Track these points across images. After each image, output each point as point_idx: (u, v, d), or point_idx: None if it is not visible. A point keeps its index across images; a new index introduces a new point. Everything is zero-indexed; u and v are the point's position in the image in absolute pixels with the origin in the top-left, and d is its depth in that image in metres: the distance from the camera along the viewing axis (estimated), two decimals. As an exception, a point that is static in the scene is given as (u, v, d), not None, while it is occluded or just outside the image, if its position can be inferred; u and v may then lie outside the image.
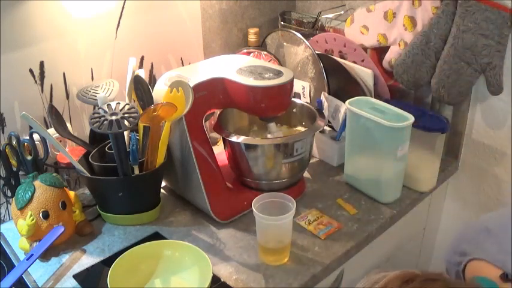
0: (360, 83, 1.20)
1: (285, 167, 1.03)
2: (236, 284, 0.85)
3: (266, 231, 0.89)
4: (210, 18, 1.33)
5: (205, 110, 1.00)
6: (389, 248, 1.18)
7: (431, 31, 1.10)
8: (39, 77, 1.03)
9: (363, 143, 1.06)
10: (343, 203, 1.07)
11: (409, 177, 1.10)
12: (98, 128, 0.90)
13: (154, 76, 1.24)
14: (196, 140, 0.97)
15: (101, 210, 1.03)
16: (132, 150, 0.96)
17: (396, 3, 1.16)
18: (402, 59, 1.15)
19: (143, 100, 1.00)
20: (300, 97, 1.30)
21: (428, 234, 1.34)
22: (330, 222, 1.00)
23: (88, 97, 1.03)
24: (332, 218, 1.02)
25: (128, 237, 0.98)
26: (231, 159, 1.07)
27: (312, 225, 0.99)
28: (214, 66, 1.04)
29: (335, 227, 0.99)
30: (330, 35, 1.28)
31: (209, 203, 0.99)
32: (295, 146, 1.01)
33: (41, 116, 1.06)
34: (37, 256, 0.86)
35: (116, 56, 1.14)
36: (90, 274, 0.89)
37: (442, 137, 1.09)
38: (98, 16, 1.08)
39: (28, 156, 0.97)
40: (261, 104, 0.97)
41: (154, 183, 1.03)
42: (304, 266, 0.89)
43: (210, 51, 1.36)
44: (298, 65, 1.30)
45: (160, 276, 0.86)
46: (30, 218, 0.89)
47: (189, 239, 0.96)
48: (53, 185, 0.94)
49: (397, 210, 1.06)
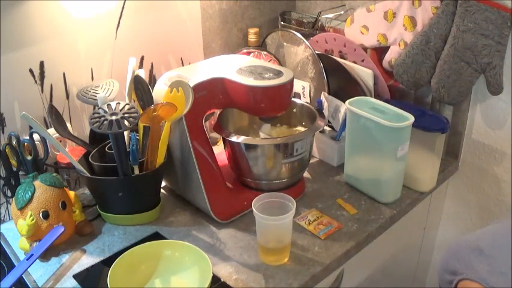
0: (360, 83, 1.20)
1: (285, 167, 1.03)
2: (236, 284, 0.85)
3: (266, 231, 0.89)
4: (210, 18, 1.33)
5: (205, 110, 1.00)
6: (389, 248, 1.18)
7: (431, 31, 1.10)
8: (39, 77, 1.03)
9: (363, 143, 1.06)
10: (343, 203, 1.07)
11: (409, 177, 1.10)
12: (98, 128, 0.90)
13: (154, 76, 1.24)
14: (196, 140, 0.97)
15: (101, 210, 1.03)
16: (132, 150, 0.96)
17: (396, 3, 1.16)
18: (402, 59, 1.15)
19: (143, 100, 1.00)
20: (300, 97, 1.30)
21: (428, 234, 1.34)
22: (330, 222, 1.00)
23: (88, 97, 1.03)
24: (332, 218, 1.02)
25: (128, 237, 0.98)
26: (231, 159, 1.07)
27: (312, 225, 0.99)
28: (214, 66, 1.04)
29: (335, 227, 0.99)
30: (330, 35, 1.28)
31: (209, 203, 0.99)
32: (295, 146, 1.01)
33: (41, 116, 1.06)
34: (37, 256, 0.86)
35: (116, 56, 1.14)
36: (90, 274, 0.89)
37: (442, 137, 1.09)
38: (98, 16, 1.08)
39: (28, 156, 0.97)
40: (261, 104, 0.97)
41: (154, 183, 1.03)
42: (304, 266, 0.89)
43: (210, 51, 1.36)
44: (298, 65, 1.30)
45: (160, 276, 0.86)
46: (30, 218, 0.89)
47: (189, 239, 0.96)
48: (53, 185, 0.94)
49: (397, 210, 1.06)
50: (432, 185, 1.16)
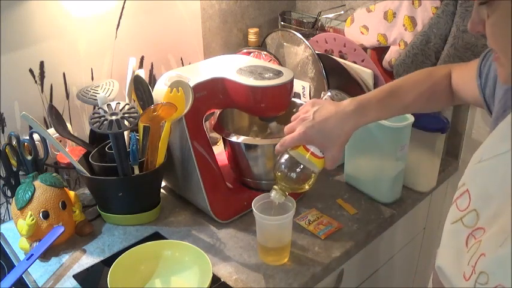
0: (360, 83, 1.20)
1: (285, 167, 1.03)
2: (236, 284, 0.85)
3: (266, 231, 0.89)
4: (210, 18, 1.33)
5: (205, 110, 1.00)
6: (389, 248, 1.18)
7: (431, 31, 1.10)
8: (39, 77, 1.03)
9: (363, 143, 1.05)
10: (343, 203, 1.07)
11: (409, 177, 1.10)
12: (98, 128, 0.90)
13: (154, 76, 1.24)
14: (196, 140, 0.97)
15: (101, 210, 1.03)
16: (132, 150, 0.96)
17: (396, 3, 1.16)
18: (402, 59, 1.15)
19: (143, 100, 1.00)
20: (300, 97, 1.30)
21: (428, 234, 1.34)
22: (330, 222, 1.00)
23: (88, 97, 1.03)
24: (332, 218, 1.02)
25: (128, 237, 0.98)
26: (231, 159, 1.07)
27: (312, 225, 0.99)
28: (214, 66, 1.04)
29: (335, 227, 0.99)
30: (330, 35, 1.28)
31: (209, 203, 0.99)
32: (295, 146, 1.01)
33: (41, 116, 1.06)
34: (37, 256, 0.86)
35: (116, 56, 1.14)
36: (90, 274, 0.89)
37: (442, 137, 1.09)
38: (98, 16, 1.08)
39: (28, 156, 0.97)
40: (261, 104, 0.97)
41: (154, 183, 1.03)
42: (304, 266, 0.89)
43: (210, 51, 1.36)
44: (298, 65, 1.30)
45: (160, 276, 0.86)
46: (30, 218, 0.89)
47: (189, 239, 0.96)
48: (53, 185, 0.94)
49: (397, 210, 1.06)
50: (432, 185, 1.16)
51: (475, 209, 0.62)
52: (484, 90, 0.75)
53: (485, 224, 0.60)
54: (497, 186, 0.60)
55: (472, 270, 0.58)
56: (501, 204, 0.58)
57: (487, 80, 0.74)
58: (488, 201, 0.60)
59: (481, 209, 0.61)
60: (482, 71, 0.75)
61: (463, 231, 0.63)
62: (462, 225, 0.64)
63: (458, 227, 0.64)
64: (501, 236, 0.56)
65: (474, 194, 0.63)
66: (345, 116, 0.78)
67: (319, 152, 0.79)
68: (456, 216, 0.66)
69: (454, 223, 0.66)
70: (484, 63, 0.75)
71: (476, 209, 0.62)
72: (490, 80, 0.73)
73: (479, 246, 0.59)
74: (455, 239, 0.64)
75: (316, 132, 0.78)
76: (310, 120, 0.79)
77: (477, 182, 0.64)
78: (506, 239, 0.55)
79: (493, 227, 0.58)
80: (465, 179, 0.67)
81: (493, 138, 0.65)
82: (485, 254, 0.57)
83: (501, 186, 0.59)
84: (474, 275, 0.58)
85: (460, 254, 0.63)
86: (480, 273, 0.57)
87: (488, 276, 0.56)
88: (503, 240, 0.55)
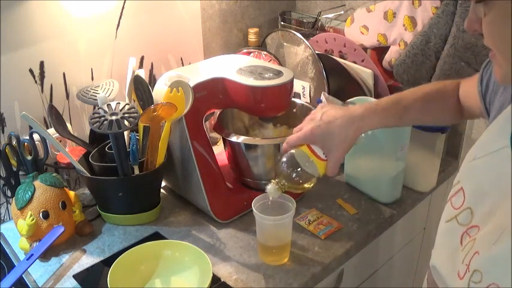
0: (360, 83, 1.20)
1: (285, 167, 1.03)
2: (236, 284, 0.85)
3: (266, 231, 0.89)
4: (210, 18, 1.33)
5: (205, 110, 1.00)
6: (389, 248, 1.18)
7: (431, 31, 1.10)
8: (39, 77, 1.03)
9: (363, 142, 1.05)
10: (343, 203, 1.07)
11: (409, 177, 1.10)
12: (98, 128, 0.90)
13: (154, 76, 1.24)
14: (196, 140, 0.97)
15: (101, 210, 1.03)
16: (132, 150, 0.96)
17: (396, 3, 1.16)
18: (402, 59, 1.15)
19: (143, 100, 1.00)
20: (300, 97, 1.30)
21: (428, 234, 1.34)
22: (330, 222, 1.00)
23: (88, 97, 1.03)
24: (332, 218, 1.02)
25: (128, 237, 0.98)
26: (231, 159, 1.07)
27: (312, 225, 0.99)
28: (214, 66, 1.04)
29: (335, 227, 0.99)
30: (330, 35, 1.28)
31: (209, 203, 0.99)
32: (295, 146, 1.01)
33: (41, 116, 1.06)
34: (37, 256, 0.86)
35: (116, 56, 1.14)
36: (90, 274, 0.89)
37: (442, 137, 1.09)
38: (98, 16, 1.08)
39: (28, 156, 0.97)
40: (261, 104, 0.97)
41: (154, 183, 1.03)
42: (304, 266, 0.89)
43: (210, 51, 1.36)
44: (298, 65, 1.30)
45: (160, 276, 0.86)
46: (30, 218, 0.89)
47: (189, 239, 0.96)
48: (53, 185, 0.94)
49: (397, 210, 1.06)
50: (432, 185, 1.16)
51: (469, 207, 0.62)
52: (485, 96, 0.75)
53: (480, 222, 0.60)
54: (492, 184, 0.60)
55: (466, 269, 0.58)
56: (496, 202, 0.58)
57: (487, 87, 0.74)
58: (483, 199, 0.61)
59: (476, 206, 0.61)
60: (483, 78, 0.75)
61: (458, 230, 0.63)
62: (457, 224, 0.64)
63: (453, 225, 0.64)
64: (495, 234, 0.56)
65: (469, 192, 0.63)
66: (350, 120, 0.79)
67: (322, 153, 0.80)
68: (451, 215, 0.66)
69: (448, 221, 0.66)
70: (486, 70, 0.75)
71: (471, 207, 0.62)
72: (491, 86, 0.73)
73: (473, 244, 0.59)
74: (450, 237, 0.64)
75: (322, 132, 0.79)
76: (317, 121, 0.80)
77: (472, 179, 0.64)
78: (500, 236, 0.55)
79: (487, 225, 0.59)
80: (460, 177, 0.67)
81: (488, 136, 0.65)
82: (479, 252, 0.57)
83: (496, 183, 0.59)
84: (468, 273, 0.58)
85: (455, 252, 0.63)
86: (474, 272, 0.57)
87: (482, 274, 0.56)
88: (497, 238, 0.55)
